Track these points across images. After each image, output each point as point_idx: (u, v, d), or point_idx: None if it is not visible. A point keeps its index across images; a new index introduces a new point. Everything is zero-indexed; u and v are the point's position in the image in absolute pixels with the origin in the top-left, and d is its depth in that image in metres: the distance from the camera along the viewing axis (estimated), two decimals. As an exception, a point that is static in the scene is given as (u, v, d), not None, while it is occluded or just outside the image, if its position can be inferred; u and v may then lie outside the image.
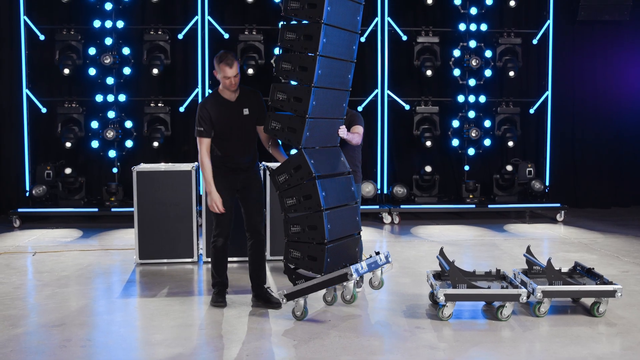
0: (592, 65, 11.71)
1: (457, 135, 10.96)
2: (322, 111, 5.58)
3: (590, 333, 5.24)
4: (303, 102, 5.40)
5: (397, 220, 10.38)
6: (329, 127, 5.79)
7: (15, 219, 9.95)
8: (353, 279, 5.37)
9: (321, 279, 5.46)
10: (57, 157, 10.68)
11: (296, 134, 5.44)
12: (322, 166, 5.57)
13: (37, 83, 10.69)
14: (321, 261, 5.43)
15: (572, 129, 11.75)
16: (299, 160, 5.46)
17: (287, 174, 5.52)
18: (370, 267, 5.67)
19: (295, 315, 5.58)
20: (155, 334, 5.24)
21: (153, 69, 10.30)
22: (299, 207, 5.51)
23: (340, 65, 5.72)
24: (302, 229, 5.50)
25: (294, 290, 5.52)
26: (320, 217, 5.40)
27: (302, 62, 5.42)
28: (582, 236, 9.31)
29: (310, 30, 5.38)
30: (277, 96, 5.53)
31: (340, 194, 5.71)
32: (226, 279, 6.07)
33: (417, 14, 11.39)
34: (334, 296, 5.83)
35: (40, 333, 5.25)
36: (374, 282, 5.77)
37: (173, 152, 10.82)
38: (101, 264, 7.59)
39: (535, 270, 6.11)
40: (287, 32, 5.49)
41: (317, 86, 5.42)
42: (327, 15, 5.35)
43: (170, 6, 10.96)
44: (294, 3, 5.44)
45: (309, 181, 5.43)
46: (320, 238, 5.43)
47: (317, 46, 5.35)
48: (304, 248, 5.51)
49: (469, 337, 5.14)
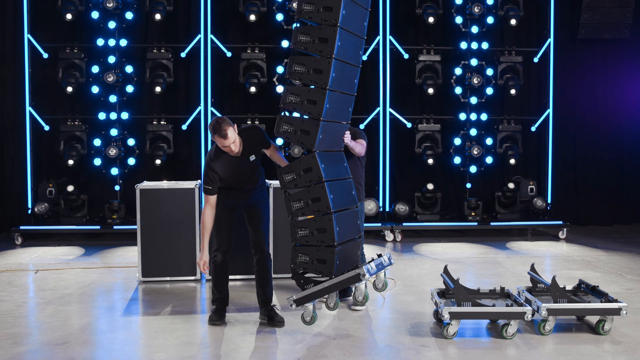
0: (593, 83, 11.75)
1: (459, 153, 10.98)
2: (333, 114, 5.58)
3: (596, 351, 5.22)
4: (318, 105, 5.38)
5: (399, 237, 10.36)
6: (336, 131, 5.80)
7: (17, 237, 9.93)
8: (366, 279, 5.37)
9: (333, 281, 5.42)
10: (59, 174, 10.68)
11: (310, 137, 5.41)
12: (330, 170, 5.56)
13: (40, 101, 10.72)
14: (331, 264, 5.40)
15: (574, 146, 11.77)
16: (311, 162, 5.42)
17: (296, 174, 5.48)
18: (379, 267, 5.67)
19: (305, 320, 5.56)
20: (159, 352, 5.21)
21: (156, 87, 10.34)
22: (306, 210, 5.47)
23: (349, 70, 5.74)
24: (310, 232, 5.46)
25: (304, 295, 5.46)
26: (329, 219, 5.38)
27: (317, 65, 5.41)
28: (585, 254, 9.30)
29: (326, 33, 5.37)
30: (289, 99, 5.49)
31: (344, 197, 5.72)
32: (226, 296, 6.06)
33: (419, 32, 11.46)
34: (336, 302, 5.75)
35: (43, 351, 5.23)
36: (378, 284, 5.76)
37: (175, 170, 10.83)
38: (104, 282, 7.57)
39: (539, 288, 6.09)
40: (300, 34, 5.47)
41: (331, 89, 5.42)
42: (342, 18, 5.36)
43: (173, 25, 11.03)
44: (308, 6, 5.43)
45: (318, 184, 5.41)
46: (329, 240, 5.39)
47: (333, 49, 5.34)
48: (313, 251, 5.47)
49: (475, 356, 5.12)
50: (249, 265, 6.16)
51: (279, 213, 7.45)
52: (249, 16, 10.37)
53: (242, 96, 10.84)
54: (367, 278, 5.40)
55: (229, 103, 10.98)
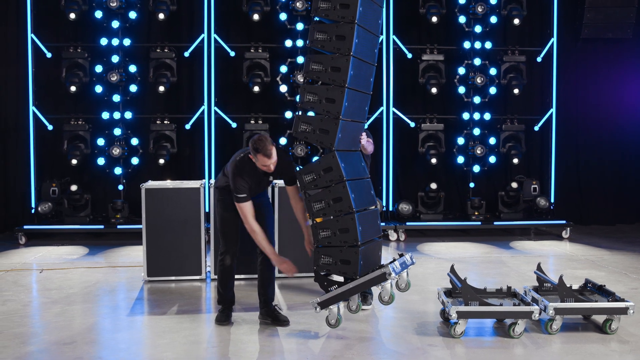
0: (596, 83, 11.75)
1: (462, 153, 10.98)
2: (351, 113, 5.53)
3: (603, 350, 5.22)
4: (336, 103, 5.32)
5: (402, 237, 10.37)
6: (354, 130, 5.76)
7: (21, 236, 9.93)
8: (391, 278, 5.31)
9: (359, 281, 5.33)
10: (62, 174, 10.68)
11: (329, 136, 5.35)
12: (350, 169, 5.51)
13: (44, 100, 10.71)
14: (355, 264, 5.34)
15: (577, 146, 11.77)
16: (331, 162, 5.37)
17: (316, 175, 5.42)
18: (403, 266, 5.59)
19: (330, 323, 5.52)
20: (166, 351, 5.21)
21: (159, 86, 10.34)
22: (328, 211, 5.40)
23: (366, 68, 5.69)
24: (333, 232, 5.40)
25: (329, 297, 5.40)
26: (352, 219, 5.33)
27: (335, 63, 5.35)
28: (589, 253, 9.30)
29: (343, 30, 5.32)
30: (307, 98, 5.43)
31: (364, 197, 5.66)
32: (233, 296, 6.08)
33: (422, 32, 11.46)
34: (359, 305, 5.60)
35: (51, 351, 5.23)
36: (401, 284, 5.61)
37: (179, 170, 10.84)
38: (109, 282, 7.57)
39: (546, 287, 6.09)
40: (317, 32, 5.41)
41: (349, 87, 5.37)
42: (359, 15, 5.32)
43: (176, 24, 11.02)
44: (324, 3, 5.37)
45: (339, 184, 5.36)
46: (352, 240, 5.34)
47: (351, 46, 5.29)
48: (336, 252, 5.41)
49: (483, 355, 5.12)
50: (253, 266, 6.16)
51: (283, 213, 7.45)
52: (253, 16, 10.37)
53: (246, 95, 10.83)
54: (393, 277, 5.33)
55: (233, 102, 10.97)
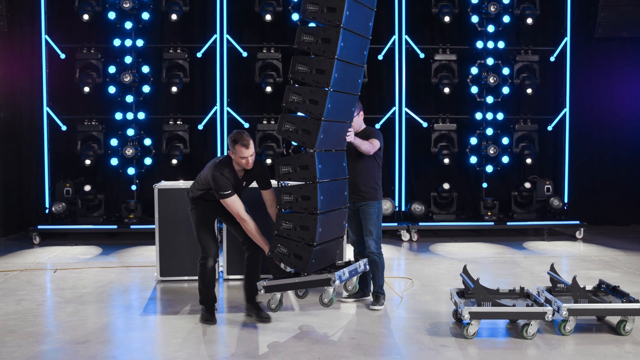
0: (610, 82, 11.67)
1: (475, 153, 10.94)
2: (335, 114, 5.64)
3: (617, 352, 5.18)
4: (319, 105, 5.43)
5: (415, 237, 10.35)
6: (338, 131, 5.85)
7: (35, 236, 10.00)
8: (335, 285, 5.52)
9: (303, 279, 5.61)
10: (76, 174, 10.75)
11: (310, 136, 5.47)
12: (327, 171, 5.64)
13: (58, 101, 10.79)
14: (306, 261, 5.55)
15: (591, 145, 11.69)
16: (308, 161, 5.50)
17: (292, 169, 5.57)
18: (352, 274, 5.85)
19: (270, 307, 5.82)
20: (178, 351, 5.23)
21: (172, 87, 10.38)
22: (294, 205, 5.59)
23: (353, 70, 5.78)
24: (294, 227, 5.60)
25: (274, 284, 5.70)
26: (314, 220, 5.49)
27: (320, 65, 5.45)
28: (603, 254, 9.24)
29: (329, 33, 5.40)
30: (291, 98, 5.56)
31: (335, 198, 5.82)
32: (214, 295, 6.19)
33: (435, 31, 11.43)
34: (355, 286, 5.89)
35: (65, 350, 5.26)
36: (348, 286, 5.93)
37: (191, 170, 10.84)
38: (122, 281, 7.61)
39: (559, 288, 6.06)
40: (304, 34, 5.51)
41: (333, 89, 5.46)
42: (345, 19, 5.39)
43: (189, 25, 11.06)
44: (313, 6, 5.45)
45: (310, 183, 5.50)
46: (310, 240, 5.53)
47: (336, 50, 5.38)
48: (292, 246, 5.62)
49: (495, 356, 5.10)
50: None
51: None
52: (265, 16, 10.39)
53: (258, 96, 10.84)
54: (337, 285, 5.54)
55: (245, 103, 10.99)
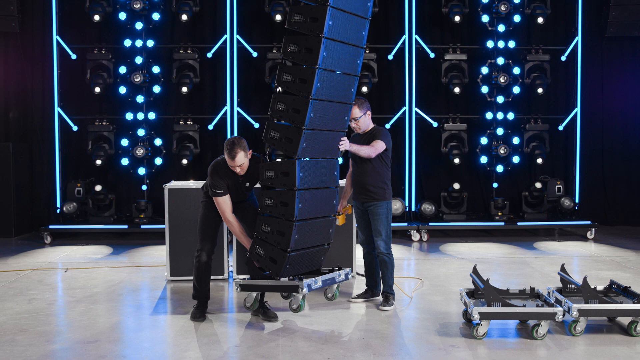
0: (622, 82, 11.61)
1: (485, 153, 10.91)
2: (321, 123, 5.66)
3: (629, 353, 5.15)
4: (301, 114, 5.49)
5: (425, 237, 10.33)
6: (327, 140, 5.86)
7: (47, 236, 10.06)
8: (302, 293, 5.63)
9: (274, 282, 5.78)
10: (87, 174, 10.82)
11: (292, 145, 5.53)
12: (310, 179, 5.68)
13: (69, 101, 10.85)
14: (280, 266, 5.65)
15: (602, 145, 11.64)
16: (289, 168, 5.56)
17: (274, 174, 5.66)
18: (325, 283, 5.95)
19: (246, 305, 6.04)
20: (188, 350, 5.24)
21: (182, 87, 10.42)
22: (273, 210, 5.68)
23: (342, 79, 5.79)
24: (272, 231, 5.69)
25: (249, 284, 5.89)
26: (290, 226, 5.57)
27: (302, 75, 5.50)
28: (614, 254, 9.19)
29: (311, 43, 5.45)
30: (277, 106, 5.63)
31: (319, 206, 5.86)
32: (208, 291, 6.23)
33: (445, 31, 11.41)
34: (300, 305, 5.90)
35: (75, 349, 5.28)
36: (328, 293, 6.09)
37: (202, 170, 10.88)
38: (132, 281, 7.64)
39: (569, 288, 6.03)
40: (289, 44, 5.57)
41: (315, 98, 5.49)
42: (328, 29, 5.42)
43: (199, 25, 11.10)
44: (298, 16, 5.52)
45: (290, 190, 5.56)
46: (284, 245, 5.61)
47: (317, 59, 5.42)
48: (268, 249, 5.72)
49: (505, 356, 5.08)
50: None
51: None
52: (275, 16, 10.41)
53: (268, 96, 10.57)
54: (304, 293, 5.66)
55: (255, 103, 11.00)
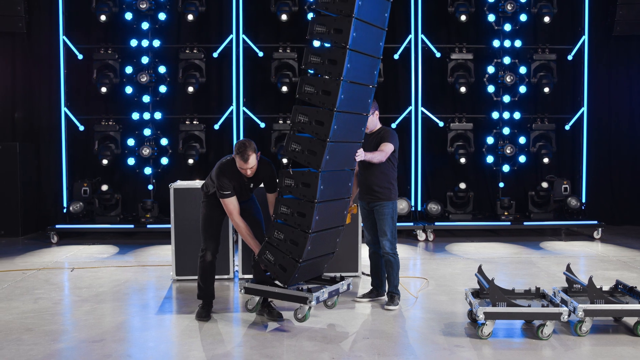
0: (629, 81, 11.58)
1: (491, 152, 10.89)
2: (342, 135, 5.63)
3: (634, 353, 5.13)
4: (325, 126, 5.44)
5: (431, 237, 10.31)
6: (347, 151, 5.85)
7: (53, 235, 10.09)
8: (311, 305, 5.63)
9: (282, 290, 5.77)
10: (93, 174, 10.85)
11: (316, 157, 5.49)
12: (329, 191, 5.65)
13: (75, 101, 10.89)
14: (289, 275, 5.66)
15: (609, 145, 11.61)
16: (311, 180, 5.52)
17: (295, 183, 5.62)
18: (331, 294, 5.95)
19: (247, 308, 6.07)
20: (193, 350, 5.25)
21: (188, 87, 10.44)
22: (289, 219, 5.65)
23: (361, 90, 5.76)
24: (285, 239, 5.67)
25: (254, 288, 5.90)
26: (305, 237, 5.56)
27: (325, 87, 5.45)
28: (621, 254, 9.16)
29: (335, 55, 5.41)
30: (298, 118, 5.59)
31: (332, 217, 5.87)
32: (213, 291, 6.26)
33: (451, 30, 11.39)
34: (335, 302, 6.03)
35: (81, 348, 5.30)
36: (328, 302, 6.20)
37: (208, 169, 10.86)
38: (138, 280, 7.65)
39: (575, 288, 6.02)
40: (311, 55, 5.54)
41: (339, 110, 5.45)
42: (352, 41, 5.39)
43: (205, 25, 11.11)
44: (320, 27, 5.49)
45: (309, 202, 5.53)
46: (297, 256, 5.60)
47: (342, 71, 5.38)
48: (279, 256, 5.70)
49: (510, 356, 5.07)
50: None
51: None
52: (281, 16, 10.42)
53: (274, 96, 10.87)
54: (313, 305, 5.64)
55: (261, 103, 11.02)
